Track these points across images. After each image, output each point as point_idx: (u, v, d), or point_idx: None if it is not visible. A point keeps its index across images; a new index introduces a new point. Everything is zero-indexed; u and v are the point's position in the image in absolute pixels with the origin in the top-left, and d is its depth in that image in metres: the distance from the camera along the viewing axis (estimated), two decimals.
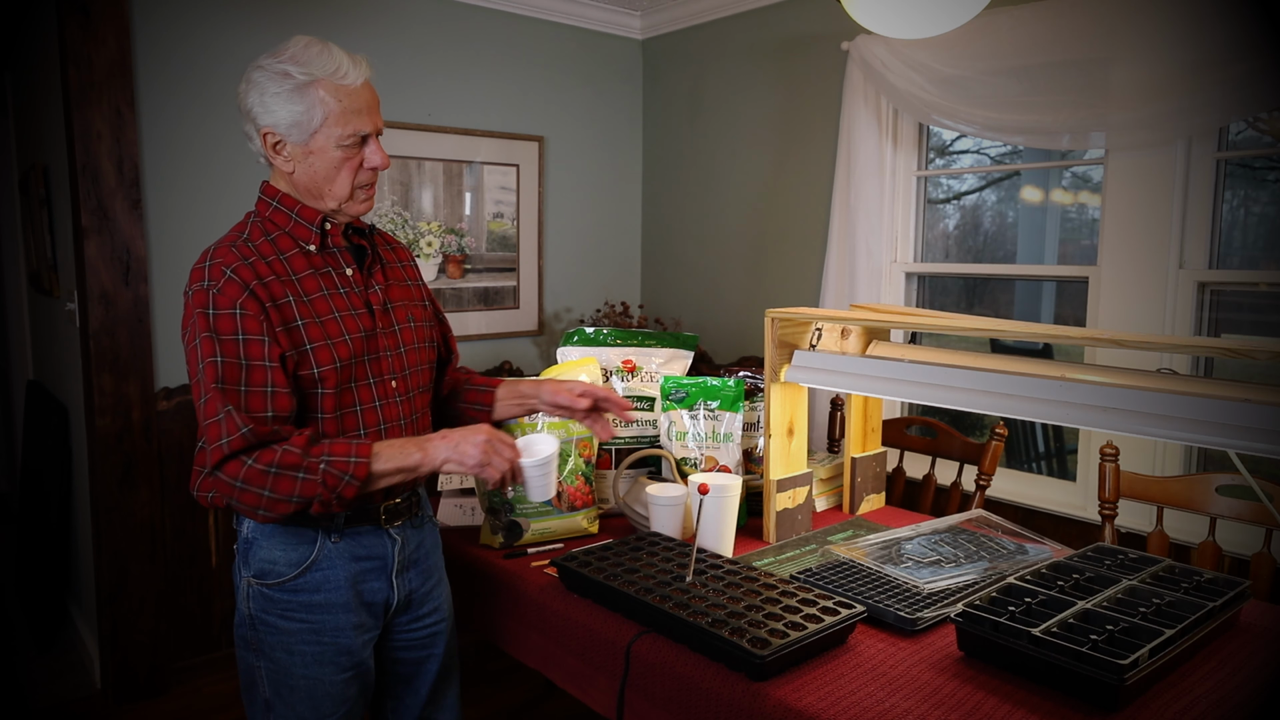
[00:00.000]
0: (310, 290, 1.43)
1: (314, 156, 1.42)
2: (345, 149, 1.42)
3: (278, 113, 1.39)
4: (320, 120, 1.39)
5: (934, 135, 3.08)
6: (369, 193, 1.49)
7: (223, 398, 1.33)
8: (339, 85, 1.39)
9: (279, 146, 1.42)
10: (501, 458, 1.42)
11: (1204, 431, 1.37)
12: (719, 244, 3.70)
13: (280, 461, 1.32)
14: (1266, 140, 2.38)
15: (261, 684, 1.48)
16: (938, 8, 1.98)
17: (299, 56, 1.38)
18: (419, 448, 1.41)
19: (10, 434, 5.02)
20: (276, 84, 1.37)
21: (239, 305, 1.34)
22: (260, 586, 1.46)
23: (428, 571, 1.62)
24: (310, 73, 1.37)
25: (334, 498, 1.34)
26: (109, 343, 2.72)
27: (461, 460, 1.41)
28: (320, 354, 1.41)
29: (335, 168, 1.43)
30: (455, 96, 3.44)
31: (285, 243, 1.45)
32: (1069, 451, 3.14)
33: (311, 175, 1.43)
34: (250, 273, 1.37)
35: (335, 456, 1.35)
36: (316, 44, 1.40)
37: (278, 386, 1.36)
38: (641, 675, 1.43)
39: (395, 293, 1.57)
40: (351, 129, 1.41)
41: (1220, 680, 1.31)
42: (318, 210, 1.46)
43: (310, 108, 1.38)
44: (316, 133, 1.40)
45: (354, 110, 1.41)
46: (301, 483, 1.33)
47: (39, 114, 3.28)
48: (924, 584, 1.56)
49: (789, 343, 1.93)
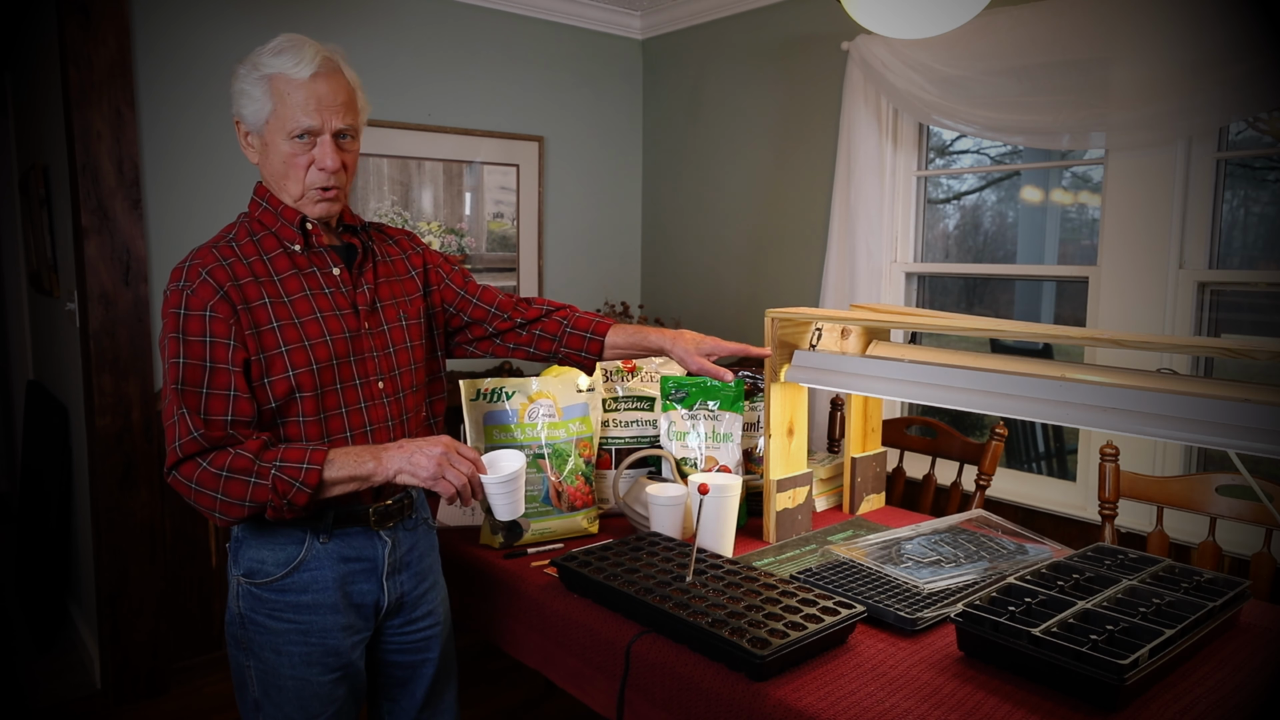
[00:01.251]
0: (292, 291, 1.43)
1: (269, 150, 1.43)
2: (293, 144, 1.41)
3: (242, 102, 1.41)
4: (269, 112, 1.40)
5: (934, 135, 3.08)
6: (323, 195, 1.44)
7: (180, 399, 1.33)
8: (289, 78, 1.39)
9: (248, 138, 1.45)
10: (457, 471, 1.38)
11: (1204, 431, 1.37)
12: (719, 244, 3.70)
13: (232, 465, 1.32)
14: (1266, 140, 2.38)
15: (251, 683, 1.48)
16: (938, 8, 1.98)
17: (269, 51, 1.40)
18: (374, 456, 1.38)
19: (10, 434, 5.02)
20: (247, 73, 1.41)
21: (210, 307, 1.35)
22: (249, 585, 1.46)
23: (421, 575, 1.61)
24: (270, 65, 1.39)
25: (285, 504, 1.33)
26: (109, 343, 2.72)
27: (414, 472, 1.38)
28: (295, 356, 1.40)
29: (284, 163, 1.42)
30: (455, 96, 3.44)
31: (270, 243, 1.45)
32: (1069, 451, 3.14)
33: (270, 170, 1.45)
34: (226, 274, 1.37)
35: (287, 462, 1.33)
36: (294, 40, 1.41)
37: (239, 391, 1.35)
38: (641, 675, 1.43)
39: (385, 290, 1.56)
40: (294, 124, 1.39)
41: (1220, 680, 1.31)
42: (298, 210, 1.46)
43: (262, 99, 1.40)
44: (268, 123, 1.41)
45: (299, 104, 1.39)
46: (253, 487, 1.32)
47: (39, 114, 3.28)
48: (924, 584, 1.56)
49: (789, 343, 1.93)
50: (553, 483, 1.90)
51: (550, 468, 1.91)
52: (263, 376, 1.38)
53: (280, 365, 1.39)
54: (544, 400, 1.94)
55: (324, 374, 1.43)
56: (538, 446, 1.91)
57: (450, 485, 1.38)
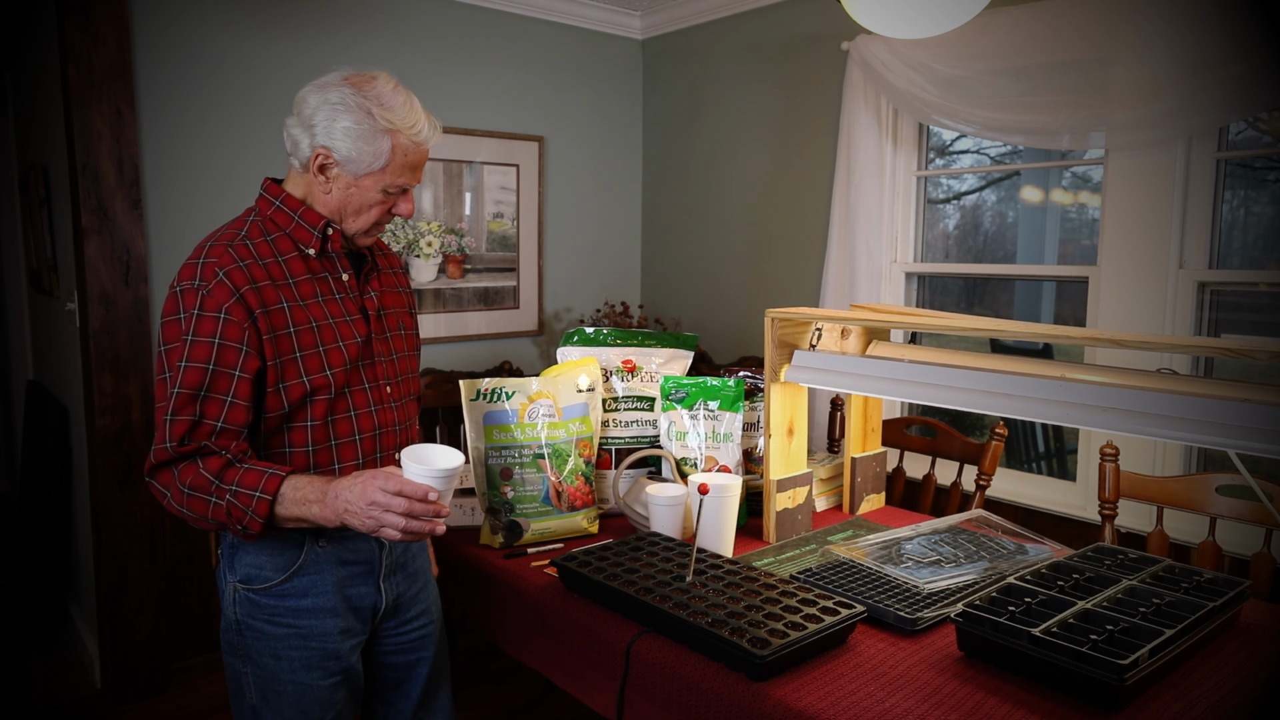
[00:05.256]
0: (306, 295, 1.43)
1: (356, 190, 1.43)
2: (386, 195, 1.45)
3: (341, 141, 1.39)
4: (380, 166, 1.41)
5: (934, 135, 3.08)
6: (382, 230, 1.52)
7: (170, 404, 1.32)
8: (414, 142, 1.42)
9: (326, 168, 1.42)
10: (393, 514, 1.28)
11: (1204, 431, 1.37)
12: (719, 244, 3.70)
13: (193, 484, 1.32)
14: (1266, 140, 2.38)
15: (249, 690, 1.47)
16: (938, 8, 1.98)
17: (385, 99, 1.39)
18: (320, 503, 1.32)
19: (10, 434, 5.02)
20: (353, 117, 1.38)
21: (225, 310, 1.33)
22: (246, 592, 1.45)
23: (414, 575, 1.62)
24: (392, 121, 1.39)
25: (240, 529, 1.33)
26: (109, 343, 2.72)
27: (351, 526, 1.32)
28: (310, 361, 1.40)
29: (370, 205, 1.45)
30: (455, 96, 3.44)
31: (284, 245, 1.44)
32: (1069, 451, 3.14)
33: (344, 203, 1.45)
34: (244, 276, 1.35)
35: (242, 489, 1.31)
36: (403, 92, 1.42)
37: (239, 398, 1.34)
38: (641, 675, 1.43)
39: (388, 300, 1.58)
40: (402, 181, 1.44)
41: (1220, 680, 1.31)
42: (322, 215, 1.45)
43: (378, 153, 1.40)
44: (371, 174, 1.42)
45: (411, 166, 1.44)
46: (213, 507, 1.32)
47: (39, 114, 3.28)
48: (924, 584, 1.56)
49: (789, 343, 1.93)
50: (553, 483, 1.90)
51: (550, 468, 1.91)
52: (279, 382, 1.37)
53: (295, 370, 1.39)
54: (544, 400, 1.94)
55: (338, 378, 1.43)
56: (538, 446, 1.91)
57: (395, 534, 1.30)
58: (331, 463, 1.44)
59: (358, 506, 1.30)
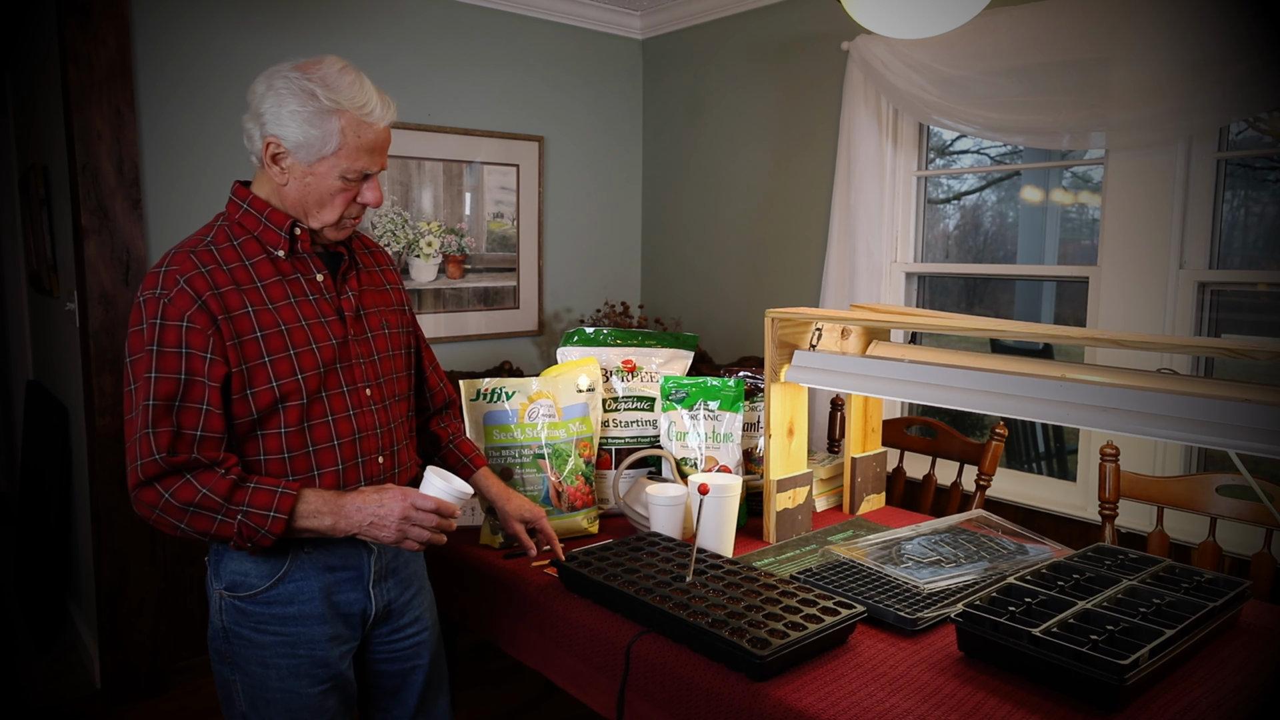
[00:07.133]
0: (276, 298, 1.40)
1: (313, 179, 1.40)
2: (346, 181, 1.40)
3: (289, 127, 1.36)
4: (332, 149, 1.37)
5: (934, 135, 3.08)
6: (354, 223, 1.48)
7: (148, 416, 1.30)
8: (362, 121, 1.38)
9: (279, 158, 1.39)
10: (420, 529, 1.40)
11: (1204, 431, 1.37)
12: (719, 244, 3.70)
13: (199, 503, 1.31)
14: (1266, 140, 2.38)
15: (238, 698, 1.46)
16: (938, 8, 1.97)
17: (331, 80, 1.36)
18: (332, 513, 1.37)
19: (10, 434, 5.02)
20: (299, 101, 1.35)
21: (187, 318, 1.31)
22: (233, 599, 1.43)
23: (406, 581, 1.59)
24: (337, 101, 1.35)
25: (249, 545, 1.34)
26: (109, 343, 2.72)
27: (375, 536, 1.39)
28: (279, 365, 1.37)
29: (330, 195, 1.41)
30: (455, 96, 3.44)
31: (251, 248, 1.41)
32: (1069, 451, 3.14)
33: (303, 195, 1.41)
34: (205, 283, 1.34)
35: (254, 509, 1.32)
36: (351, 72, 1.39)
37: (212, 406, 1.33)
38: (641, 675, 1.43)
39: (369, 299, 1.55)
40: (360, 165, 1.40)
41: (1220, 680, 1.31)
42: (288, 215, 1.43)
43: (327, 135, 1.36)
44: (324, 159, 1.38)
45: (367, 149, 1.40)
46: (219, 524, 1.32)
47: (39, 114, 3.28)
48: (924, 584, 1.56)
49: (789, 343, 1.93)
50: (553, 483, 1.90)
51: (550, 468, 1.91)
52: (245, 388, 1.35)
53: (264, 375, 1.36)
54: (544, 400, 1.94)
55: (310, 382, 1.40)
56: (538, 446, 1.91)
57: (415, 545, 1.41)
58: (310, 469, 1.42)
59: (389, 520, 1.38)
